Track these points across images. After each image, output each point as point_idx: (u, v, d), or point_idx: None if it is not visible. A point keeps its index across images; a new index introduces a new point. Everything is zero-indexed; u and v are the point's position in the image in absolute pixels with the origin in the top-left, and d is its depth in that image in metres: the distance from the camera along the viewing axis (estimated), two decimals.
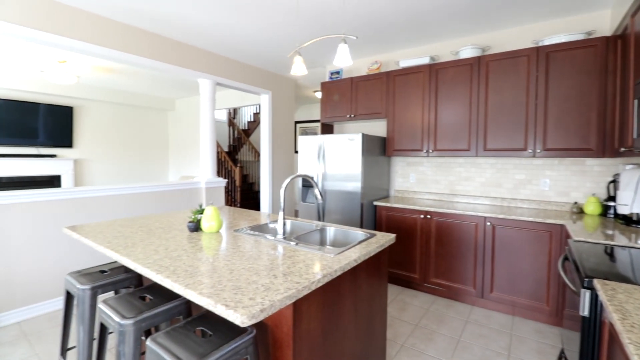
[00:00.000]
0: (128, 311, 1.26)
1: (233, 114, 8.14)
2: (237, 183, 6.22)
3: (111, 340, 2.22)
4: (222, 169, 6.79)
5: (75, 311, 2.62)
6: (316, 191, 1.81)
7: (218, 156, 6.75)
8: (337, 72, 4.09)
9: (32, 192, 2.57)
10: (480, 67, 2.92)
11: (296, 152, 7.33)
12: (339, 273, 1.30)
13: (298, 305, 1.15)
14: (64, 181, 5.76)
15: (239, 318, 0.91)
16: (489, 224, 2.70)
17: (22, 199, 2.52)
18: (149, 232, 1.83)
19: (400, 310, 2.73)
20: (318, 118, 7.31)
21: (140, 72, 4.96)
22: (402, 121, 3.38)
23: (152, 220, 2.13)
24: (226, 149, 7.88)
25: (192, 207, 3.78)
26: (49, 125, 5.58)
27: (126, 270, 1.74)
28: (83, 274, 1.65)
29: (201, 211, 1.91)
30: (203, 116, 3.86)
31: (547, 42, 2.71)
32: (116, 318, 1.22)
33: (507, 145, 2.82)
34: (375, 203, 3.31)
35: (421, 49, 3.62)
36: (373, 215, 3.36)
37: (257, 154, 7.50)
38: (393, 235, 1.80)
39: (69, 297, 1.67)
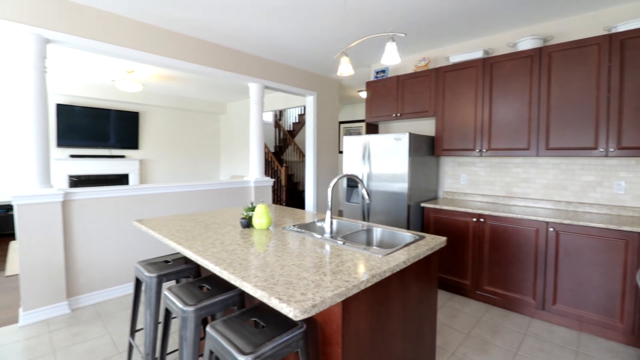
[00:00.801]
0: (190, 299, 1.37)
1: (279, 116, 8.40)
2: (283, 182, 6.41)
3: (174, 325, 2.42)
4: (268, 169, 7.05)
5: (142, 297, 2.89)
6: (363, 191, 1.81)
7: (265, 156, 7.01)
8: (383, 71, 4.03)
9: (107, 189, 2.89)
10: (541, 58, 2.69)
11: (340, 152, 7.35)
12: (387, 274, 1.29)
13: (347, 304, 1.16)
14: (131, 179, 6.39)
15: (292, 312, 0.95)
16: (552, 229, 2.48)
17: (99, 195, 2.85)
18: (206, 226, 1.97)
19: (450, 317, 2.61)
20: (362, 118, 7.26)
21: (196, 78, 5.33)
22: (453, 119, 3.23)
23: (208, 216, 2.28)
24: (272, 150, 8.15)
25: (242, 204, 3.97)
26: (119, 129, 6.22)
27: (186, 261, 1.89)
28: (150, 263, 1.82)
29: (252, 209, 2.00)
30: (252, 119, 4.04)
31: (621, 29, 2.42)
32: (179, 305, 1.33)
33: (573, 143, 2.57)
34: (422, 205, 3.20)
35: (473, 42, 3.44)
36: (420, 217, 3.26)
37: (301, 154, 7.65)
38: (444, 238, 1.74)
39: (138, 284, 1.86)
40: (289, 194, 7.01)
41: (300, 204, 7.24)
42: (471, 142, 3.11)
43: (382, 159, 3.27)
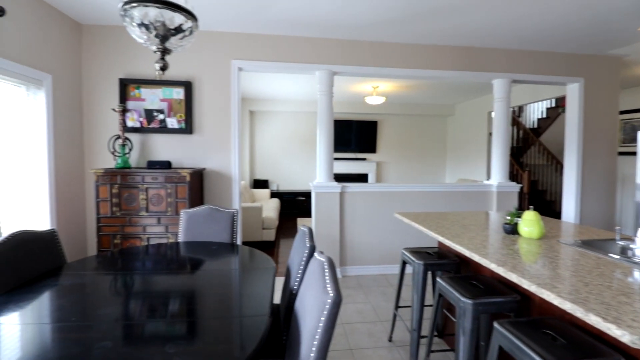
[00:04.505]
0: (466, 292, 1.47)
1: (517, 112, 7.32)
2: (525, 189, 5.54)
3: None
4: None
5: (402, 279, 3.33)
6: None
7: None
8: None
9: (368, 185, 3.60)
10: None
11: (620, 153, 5.44)
12: None
13: None
14: (369, 178, 7.54)
15: (627, 336, 0.83)
16: None
17: (362, 189, 3.56)
18: (463, 227, 2.02)
19: None
20: None
21: (429, 83, 5.51)
22: None
23: (459, 217, 2.33)
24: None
25: (480, 208, 3.78)
26: (358, 136, 7.46)
27: (440, 256, 2.02)
28: (414, 251, 2.08)
29: (517, 214, 1.87)
30: (496, 117, 3.76)
31: None
32: (458, 295, 1.45)
33: None
34: None
35: None
36: None
37: (550, 156, 6.31)
38: None
39: (403, 266, 2.17)
40: (531, 202, 5.97)
41: (549, 217, 5.99)
42: None
43: None
